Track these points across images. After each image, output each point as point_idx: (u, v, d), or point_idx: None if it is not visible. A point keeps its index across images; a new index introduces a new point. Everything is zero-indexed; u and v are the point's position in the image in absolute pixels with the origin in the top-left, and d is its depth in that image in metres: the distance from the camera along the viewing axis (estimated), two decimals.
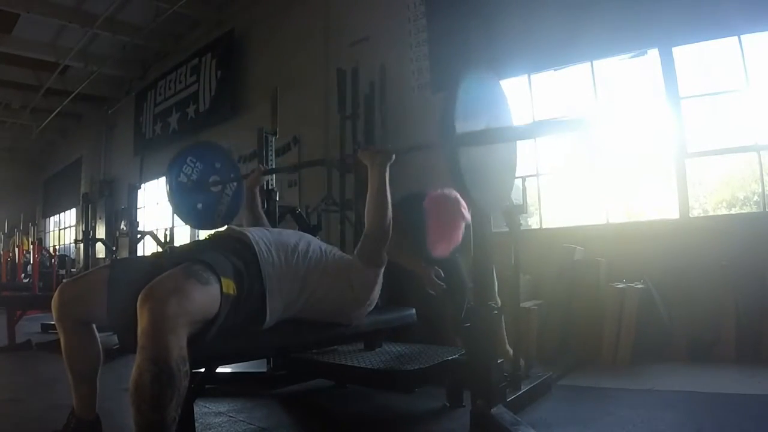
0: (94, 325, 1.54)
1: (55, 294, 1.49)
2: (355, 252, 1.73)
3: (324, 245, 1.77)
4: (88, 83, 8.40)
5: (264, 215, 2.28)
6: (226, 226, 1.76)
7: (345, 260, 1.75)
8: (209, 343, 1.38)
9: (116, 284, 1.44)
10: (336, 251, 1.79)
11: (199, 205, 2.47)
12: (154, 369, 1.14)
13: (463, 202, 2.08)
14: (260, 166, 2.48)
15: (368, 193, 1.73)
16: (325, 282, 1.65)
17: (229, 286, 1.36)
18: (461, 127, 1.45)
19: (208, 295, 1.30)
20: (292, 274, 1.58)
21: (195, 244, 1.79)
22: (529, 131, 2.02)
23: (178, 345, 1.18)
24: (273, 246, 1.58)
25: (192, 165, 1.74)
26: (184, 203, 2.44)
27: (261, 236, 1.61)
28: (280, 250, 1.58)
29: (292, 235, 1.72)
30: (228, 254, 1.47)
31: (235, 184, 2.54)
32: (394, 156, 1.75)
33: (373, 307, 1.81)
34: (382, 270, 1.75)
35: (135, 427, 1.15)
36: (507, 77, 4.16)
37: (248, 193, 2.26)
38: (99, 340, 1.55)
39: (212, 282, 1.32)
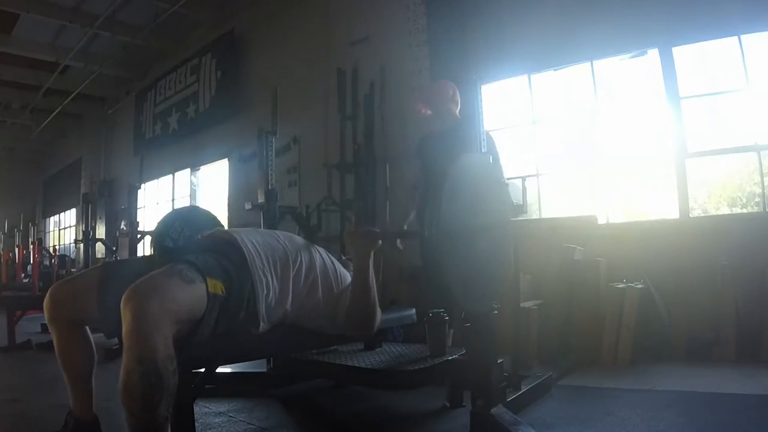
0: (86, 326, 1.54)
1: (47, 295, 1.48)
2: (344, 312, 1.64)
3: (315, 247, 1.71)
4: (88, 83, 8.40)
5: None
6: (214, 229, 1.74)
7: (336, 289, 1.67)
8: (207, 343, 1.38)
9: (107, 286, 1.43)
10: (328, 259, 1.72)
11: None
12: (141, 369, 1.13)
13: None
14: None
15: (353, 276, 1.65)
16: (314, 294, 1.61)
17: (217, 286, 1.34)
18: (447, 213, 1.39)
19: (192, 294, 1.28)
20: (282, 278, 1.55)
21: (183, 246, 1.75)
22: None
23: (164, 343, 1.16)
24: (261, 248, 1.54)
25: (179, 230, 1.71)
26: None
27: (250, 238, 1.57)
28: (267, 251, 1.55)
29: (278, 237, 1.67)
30: (216, 255, 1.45)
31: None
32: (380, 242, 1.66)
33: None
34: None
35: (128, 429, 1.15)
36: (507, 77, 4.17)
37: None
38: (92, 340, 1.54)
39: (197, 281, 1.30)
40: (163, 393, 1.15)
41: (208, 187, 7.67)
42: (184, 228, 1.75)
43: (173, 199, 8.22)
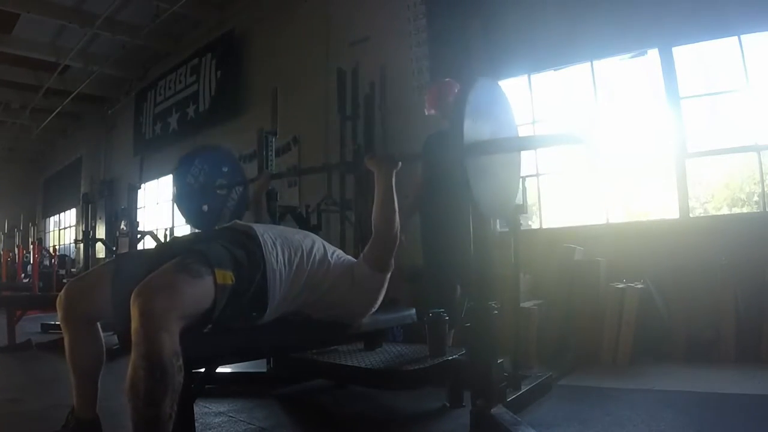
0: (98, 324, 1.55)
1: (61, 293, 1.50)
2: (362, 256, 1.75)
3: (328, 245, 1.79)
4: (88, 83, 8.40)
5: (268, 219, 2.29)
6: (232, 222, 1.77)
7: (349, 262, 1.77)
8: (209, 341, 1.38)
9: (120, 278, 1.45)
10: (340, 252, 1.80)
11: (205, 208, 2.46)
12: (147, 365, 1.15)
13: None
14: (267, 170, 2.48)
15: (375, 199, 1.76)
16: (328, 280, 1.66)
17: (226, 277, 1.37)
18: (466, 132, 1.45)
19: (200, 288, 1.31)
20: (296, 268, 1.59)
21: (196, 236, 1.80)
22: (537, 141, 2.02)
23: (170, 340, 1.19)
24: (278, 240, 1.59)
25: (199, 167, 1.74)
26: (189, 205, 2.44)
27: (266, 229, 1.63)
28: (284, 244, 1.60)
29: (297, 232, 1.75)
30: (228, 245, 1.48)
31: (241, 188, 2.54)
32: (400, 164, 1.78)
33: (375, 309, 1.82)
34: (389, 275, 1.77)
35: (132, 425, 1.16)
36: (507, 77, 4.16)
37: (254, 197, 2.27)
38: (103, 340, 1.55)
39: (205, 274, 1.33)
40: (168, 389, 1.17)
41: None
42: (204, 165, 1.78)
43: (173, 199, 8.20)
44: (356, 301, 1.73)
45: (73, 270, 8.50)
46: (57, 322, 1.58)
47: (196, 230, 2.44)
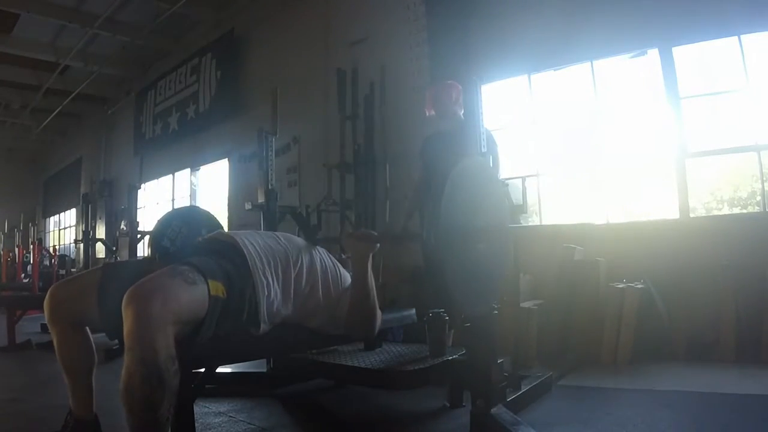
0: (87, 327, 1.54)
1: (47, 296, 1.48)
2: (344, 313, 1.66)
3: (315, 251, 1.71)
4: (88, 83, 8.41)
5: None
6: (216, 232, 1.73)
7: (335, 290, 1.68)
8: (207, 343, 1.38)
9: (107, 288, 1.43)
10: (327, 262, 1.72)
11: None
12: (143, 370, 1.12)
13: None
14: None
15: (352, 279, 1.67)
16: (315, 294, 1.62)
17: (218, 289, 1.33)
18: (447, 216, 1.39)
19: (194, 295, 1.27)
20: (283, 280, 1.55)
21: (184, 249, 1.74)
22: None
23: (166, 344, 1.16)
24: (262, 250, 1.54)
25: (177, 230, 1.67)
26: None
27: (251, 240, 1.57)
28: (269, 255, 1.55)
29: (279, 239, 1.66)
30: (217, 257, 1.44)
31: None
32: (378, 245, 1.68)
33: None
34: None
35: (129, 429, 1.15)
36: (507, 77, 4.17)
37: None
38: (92, 340, 1.54)
39: (199, 282, 1.29)
40: (165, 394, 1.15)
41: (208, 187, 7.68)
42: (182, 228, 1.74)
43: (173, 199, 8.22)
44: (343, 328, 1.68)
45: (73, 270, 8.49)
46: None
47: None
